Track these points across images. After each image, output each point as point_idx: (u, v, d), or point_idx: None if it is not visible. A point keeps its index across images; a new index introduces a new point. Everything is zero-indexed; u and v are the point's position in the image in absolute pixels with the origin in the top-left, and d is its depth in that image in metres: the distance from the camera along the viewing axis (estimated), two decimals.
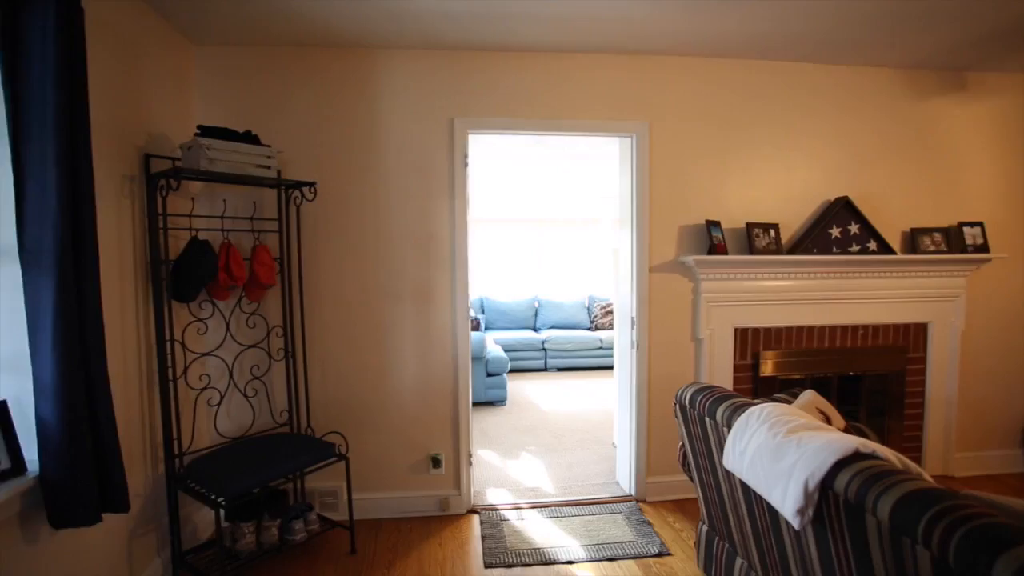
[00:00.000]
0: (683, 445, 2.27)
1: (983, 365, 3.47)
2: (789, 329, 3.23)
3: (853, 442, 1.41)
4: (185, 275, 2.37)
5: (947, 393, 3.39)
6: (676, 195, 3.12)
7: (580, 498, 3.20)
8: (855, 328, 3.29)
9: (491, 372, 5.48)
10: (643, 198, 3.08)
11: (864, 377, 3.41)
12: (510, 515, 3.01)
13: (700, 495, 2.25)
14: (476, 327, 6.80)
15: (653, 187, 3.10)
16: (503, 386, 5.49)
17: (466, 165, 2.99)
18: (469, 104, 2.97)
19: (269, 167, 2.56)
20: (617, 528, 2.84)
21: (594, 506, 3.09)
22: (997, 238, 3.41)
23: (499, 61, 2.97)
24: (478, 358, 5.36)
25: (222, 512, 2.17)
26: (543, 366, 7.11)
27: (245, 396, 2.79)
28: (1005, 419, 3.54)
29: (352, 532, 2.66)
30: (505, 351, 6.71)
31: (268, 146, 2.58)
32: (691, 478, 2.29)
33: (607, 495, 3.24)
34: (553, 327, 7.62)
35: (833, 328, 3.27)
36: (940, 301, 3.33)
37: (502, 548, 2.66)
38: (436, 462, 3.05)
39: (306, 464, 2.52)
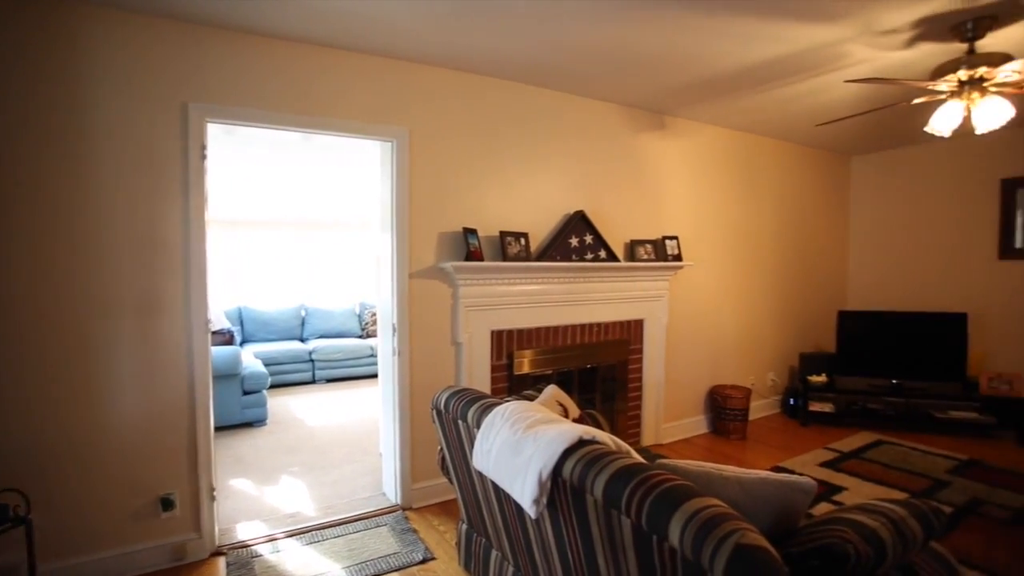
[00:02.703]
0: (442, 448, 2.32)
1: (680, 351, 4.33)
2: (538, 329, 3.56)
3: (578, 431, 1.59)
4: None
5: (657, 376, 4.13)
6: (436, 202, 3.19)
7: (344, 516, 3.05)
8: (591, 326, 3.79)
9: (248, 390, 4.92)
10: (403, 204, 3.08)
11: (599, 368, 3.96)
12: (264, 549, 2.71)
13: (459, 495, 2.32)
14: (230, 340, 6.03)
15: (414, 193, 3.12)
16: (263, 404, 4.97)
17: (204, 158, 2.62)
18: (209, 89, 2.60)
19: None
20: (382, 542, 2.77)
21: (359, 522, 2.98)
22: (687, 249, 4.29)
23: (249, 45, 2.66)
24: (231, 375, 4.77)
25: None
26: (311, 378, 6.67)
27: None
28: (695, 393, 4.47)
29: None
30: (266, 365, 6.12)
31: None
32: (450, 480, 2.35)
33: (373, 508, 3.15)
34: (322, 336, 7.19)
35: (574, 327, 3.72)
36: (651, 301, 4.05)
37: None
38: (168, 503, 2.60)
39: None
